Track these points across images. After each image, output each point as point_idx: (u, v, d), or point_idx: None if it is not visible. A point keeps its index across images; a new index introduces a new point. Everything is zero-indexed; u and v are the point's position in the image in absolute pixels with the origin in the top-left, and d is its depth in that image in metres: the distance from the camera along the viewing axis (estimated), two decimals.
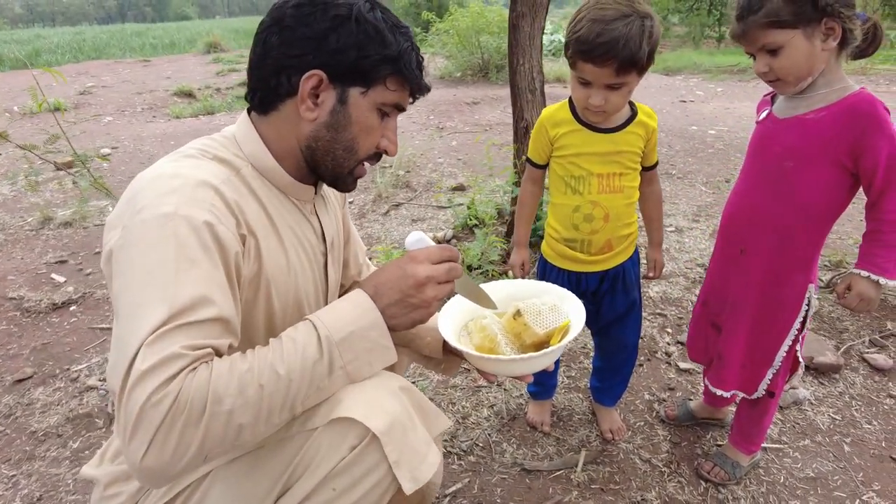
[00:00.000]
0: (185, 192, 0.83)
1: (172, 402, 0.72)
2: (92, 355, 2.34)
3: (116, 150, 5.74)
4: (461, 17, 9.34)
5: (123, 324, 0.77)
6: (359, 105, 0.96)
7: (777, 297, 1.41)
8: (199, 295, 0.78)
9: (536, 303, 1.14)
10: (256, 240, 0.93)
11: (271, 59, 0.94)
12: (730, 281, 1.49)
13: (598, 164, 1.50)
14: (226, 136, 1.01)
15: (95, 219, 3.82)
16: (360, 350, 0.89)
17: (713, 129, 6.02)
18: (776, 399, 1.54)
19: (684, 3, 16.11)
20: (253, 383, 0.78)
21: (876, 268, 1.25)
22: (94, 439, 1.88)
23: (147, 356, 0.73)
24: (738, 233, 1.45)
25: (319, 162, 1.00)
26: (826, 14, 1.15)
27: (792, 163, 1.30)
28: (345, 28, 0.91)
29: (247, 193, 0.95)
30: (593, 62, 1.31)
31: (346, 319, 0.89)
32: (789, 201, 1.32)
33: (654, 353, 2.27)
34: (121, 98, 8.56)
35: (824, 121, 1.23)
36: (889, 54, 11.86)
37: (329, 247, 1.14)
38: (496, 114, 7.05)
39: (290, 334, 0.87)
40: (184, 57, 14.38)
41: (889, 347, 2.25)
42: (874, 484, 1.64)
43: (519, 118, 2.81)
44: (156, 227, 0.79)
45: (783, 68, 1.22)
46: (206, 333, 0.78)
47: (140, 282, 0.78)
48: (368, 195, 4.16)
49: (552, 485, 1.65)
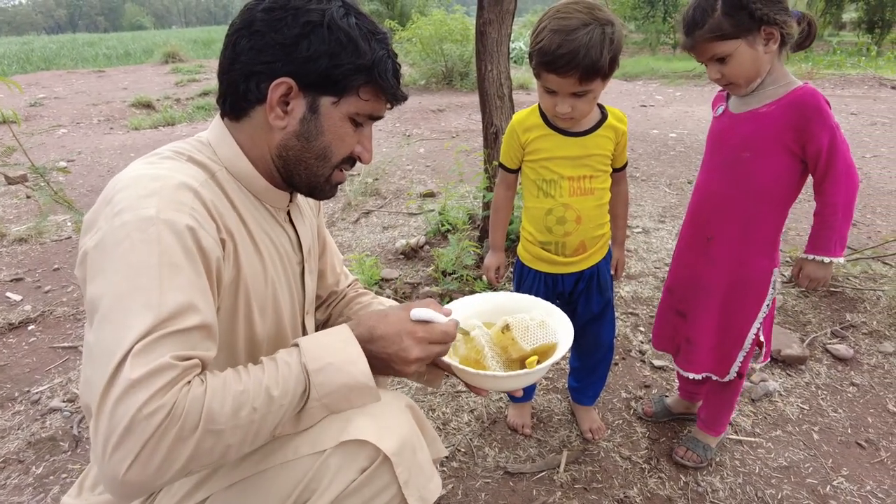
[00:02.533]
0: (166, 195, 0.80)
1: (166, 416, 0.69)
2: (54, 376, 2.24)
3: (73, 162, 5.55)
4: (424, 25, 9.39)
5: (105, 330, 0.73)
6: (330, 115, 0.93)
7: (744, 282, 1.49)
8: (184, 302, 0.75)
9: (525, 318, 1.14)
10: (234, 244, 0.91)
11: (240, 63, 0.91)
12: (698, 268, 1.56)
13: (569, 168, 1.52)
14: (200, 140, 0.98)
15: (53, 234, 3.68)
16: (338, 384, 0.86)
17: (674, 133, 6.19)
18: (743, 379, 1.62)
19: (640, 11, 16.58)
20: (247, 405, 0.76)
21: (821, 249, 1.38)
22: (59, 463, 1.80)
23: (136, 365, 0.69)
24: (704, 222, 1.52)
25: (292, 171, 0.97)
26: (763, 22, 1.27)
27: (748, 153, 1.40)
28: (316, 35, 0.88)
29: (222, 197, 0.92)
30: (556, 73, 1.33)
31: (329, 351, 0.86)
32: (749, 188, 1.42)
33: (629, 351, 2.31)
34: (75, 110, 8.28)
35: (774, 113, 1.35)
36: (832, 60, 12.44)
37: (306, 256, 1.12)
38: (462, 120, 7.09)
39: (283, 358, 0.84)
40: (141, 67, 14.03)
41: (849, 338, 2.34)
42: (843, 469, 1.70)
43: (488, 124, 2.84)
44: (137, 231, 0.76)
45: (733, 74, 1.34)
46: (193, 342, 0.76)
47: (122, 287, 0.74)
48: (338, 203, 4.12)
49: (536, 486, 1.66)
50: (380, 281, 2.79)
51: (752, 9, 1.26)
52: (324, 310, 1.32)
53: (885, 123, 6.40)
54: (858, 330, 2.39)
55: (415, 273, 2.95)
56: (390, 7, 15.66)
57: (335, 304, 1.33)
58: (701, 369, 1.59)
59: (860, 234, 3.38)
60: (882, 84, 9.09)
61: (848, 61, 12.18)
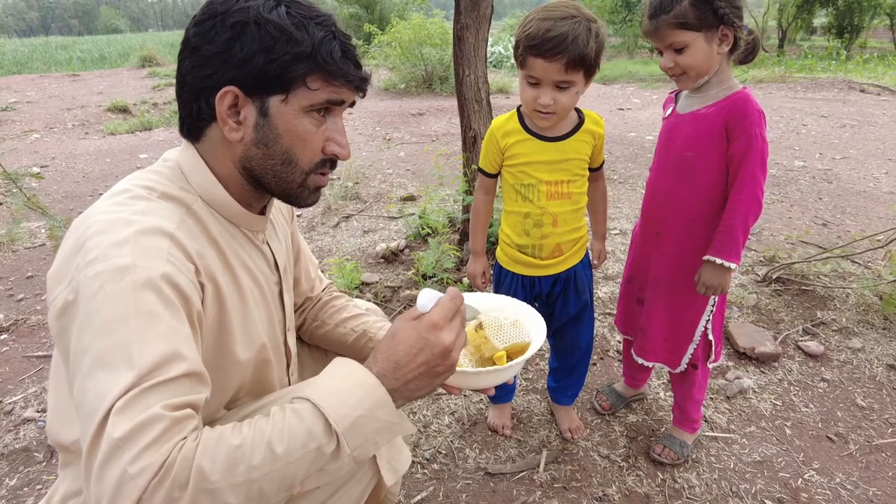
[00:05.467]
0: (141, 243, 0.77)
1: (154, 475, 0.65)
2: (28, 385, 2.20)
3: (47, 168, 5.44)
4: (403, 29, 9.41)
5: (87, 390, 0.70)
6: (283, 114, 0.88)
7: (689, 275, 1.53)
8: (167, 351, 0.73)
9: (499, 317, 1.15)
10: (215, 286, 0.88)
11: (188, 84, 0.88)
12: (651, 260, 1.63)
13: (547, 172, 1.54)
14: (170, 166, 0.94)
15: (26, 241, 3.61)
16: (369, 432, 0.81)
17: (650, 136, 6.29)
18: (700, 371, 1.66)
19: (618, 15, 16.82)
20: (244, 461, 0.71)
21: (717, 251, 1.44)
22: (34, 475, 1.77)
23: (119, 422, 0.66)
24: (654, 217, 1.60)
25: (262, 181, 0.94)
26: (723, 22, 1.36)
27: (691, 153, 1.47)
28: (246, 34, 0.84)
29: (200, 235, 0.89)
30: (543, 56, 1.35)
31: (352, 403, 0.80)
32: (692, 187, 1.49)
33: (606, 351, 2.34)
34: (48, 114, 8.13)
35: (712, 115, 1.42)
36: (804, 63, 12.74)
37: (282, 274, 1.10)
38: (442, 124, 7.11)
39: (297, 410, 0.78)
40: (116, 71, 13.82)
41: (820, 335, 2.40)
42: (814, 463, 1.74)
43: (467, 128, 2.86)
44: (111, 282, 0.73)
45: (687, 65, 1.41)
46: (181, 390, 0.73)
47: (100, 344, 0.71)
48: (318, 208, 4.10)
49: (516, 486, 1.67)
50: (360, 285, 2.79)
51: (716, 6, 1.34)
52: (298, 315, 1.32)
53: (854, 126, 6.57)
54: (829, 327, 2.45)
55: (395, 277, 2.95)
56: (370, 11, 15.66)
57: (310, 308, 1.32)
58: (654, 358, 1.66)
59: (830, 234, 3.47)
60: (851, 87, 9.34)
61: (819, 65, 12.50)
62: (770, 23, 18.98)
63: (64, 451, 0.94)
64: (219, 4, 0.86)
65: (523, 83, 1.45)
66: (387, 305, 2.66)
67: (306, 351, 1.36)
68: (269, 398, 0.99)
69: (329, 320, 1.29)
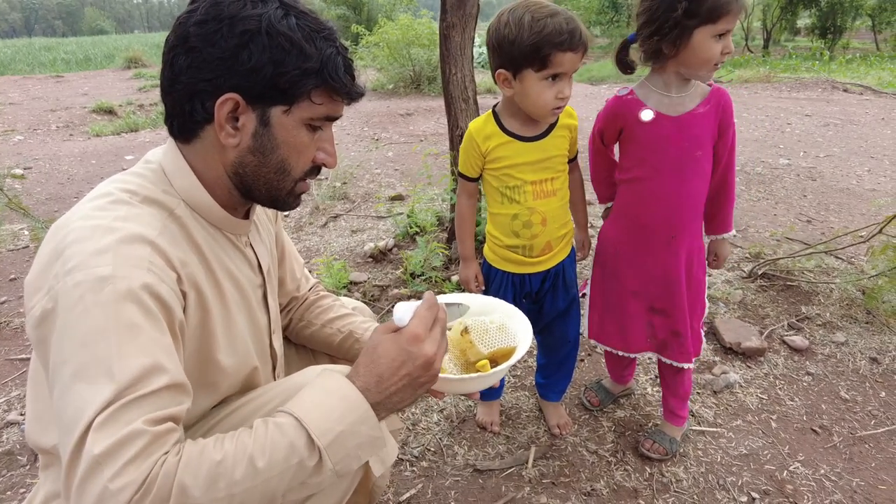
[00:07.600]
0: (122, 252, 0.76)
1: (135, 492, 0.65)
2: (10, 389, 2.17)
3: (30, 170, 5.37)
4: (391, 29, 9.40)
5: (67, 404, 0.69)
6: (283, 125, 0.88)
7: (697, 257, 1.62)
8: (148, 364, 0.72)
9: (485, 321, 1.14)
10: (198, 293, 0.87)
11: (181, 84, 0.85)
12: (666, 265, 1.59)
13: (531, 173, 1.54)
14: (153, 168, 0.92)
15: (9, 243, 3.56)
16: (351, 446, 0.82)
17: None
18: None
19: (605, 16, 16.91)
20: (225, 476, 0.71)
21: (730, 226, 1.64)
22: (17, 478, 1.75)
23: (99, 439, 0.66)
24: (664, 223, 1.56)
25: (252, 188, 0.93)
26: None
27: (700, 151, 1.51)
28: (256, 44, 0.82)
29: (182, 240, 0.87)
30: (573, 49, 1.35)
31: (335, 417, 0.80)
32: (703, 182, 1.55)
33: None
34: (31, 116, 8.03)
35: (710, 113, 1.49)
36: (789, 64, 12.89)
37: (266, 277, 1.09)
38: (430, 124, 7.11)
39: (279, 424, 0.78)
40: (101, 73, 13.68)
41: (805, 329, 2.43)
42: (799, 455, 1.76)
43: (454, 126, 2.86)
44: (91, 292, 0.72)
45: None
46: (162, 403, 0.72)
47: (80, 357, 0.70)
48: (305, 208, 4.09)
49: (504, 483, 1.67)
50: (348, 284, 2.78)
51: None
52: (284, 315, 1.31)
53: (837, 124, 6.66)
54: (813, 322, 2.48)
55: (383, 276, 2.95)
56: (357, 11, 15.64)
57: (296, 308, 1.31)
58: (694, 356, 1.67)
59: (814, 231, 3.51)
60: (835, 87, 9.46)
61: (803, 65, 12.66)
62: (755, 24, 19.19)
63: (44, 454, 0.93)
64: (226, 6, 0.84)
65: (539, 84, 1.38)
66: (375, 304, 2.66)
67: (293, 350, 1.35)
68: (255, 393, 0.98)
69: (315, 320, 1.28)
